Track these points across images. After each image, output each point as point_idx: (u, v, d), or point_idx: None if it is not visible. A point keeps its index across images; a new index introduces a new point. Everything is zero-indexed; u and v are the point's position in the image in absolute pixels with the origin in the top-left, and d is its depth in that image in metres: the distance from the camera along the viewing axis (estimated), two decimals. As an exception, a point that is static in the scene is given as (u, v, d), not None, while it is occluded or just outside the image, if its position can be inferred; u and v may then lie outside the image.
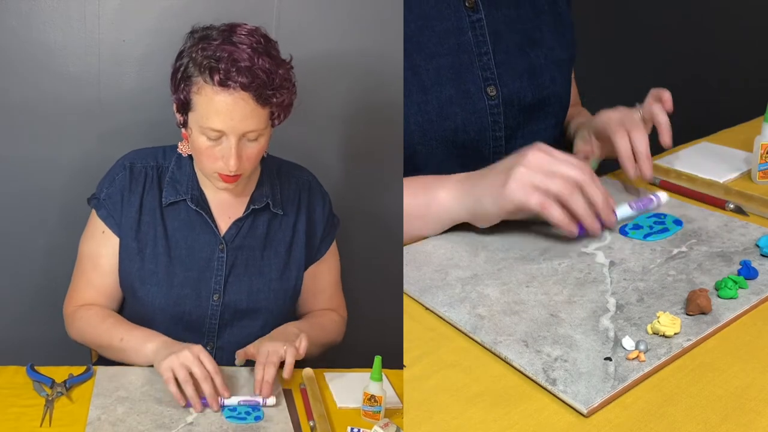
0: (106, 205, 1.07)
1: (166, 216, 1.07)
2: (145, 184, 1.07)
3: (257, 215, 1.10)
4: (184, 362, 0.91)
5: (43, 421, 0.86)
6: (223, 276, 1.08)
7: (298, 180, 1.15)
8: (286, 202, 1.12)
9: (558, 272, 0.94)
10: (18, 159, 1.28)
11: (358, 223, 1.42)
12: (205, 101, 0.98)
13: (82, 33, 1.25)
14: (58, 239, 1.29)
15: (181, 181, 1.08)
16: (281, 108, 1.02)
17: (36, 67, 1.25)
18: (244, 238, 1.09)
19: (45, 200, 1.30)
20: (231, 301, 1.08)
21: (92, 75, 1.27)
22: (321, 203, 1.16)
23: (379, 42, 1.32)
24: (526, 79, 1.20)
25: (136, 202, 1.07)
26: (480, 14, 1.17)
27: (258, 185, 1.11)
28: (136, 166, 1.08)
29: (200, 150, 1.01)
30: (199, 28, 1.01)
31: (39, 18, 1.24)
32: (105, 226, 1.07)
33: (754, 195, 1.10)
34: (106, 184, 1.08)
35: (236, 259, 1.08)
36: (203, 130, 0.99)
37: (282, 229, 1.12)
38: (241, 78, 0.96)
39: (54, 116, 1.27)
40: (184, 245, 1.07)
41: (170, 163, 1.09)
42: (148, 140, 1.13)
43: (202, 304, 1.07)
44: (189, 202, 1.06)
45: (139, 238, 1.07)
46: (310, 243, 1.14)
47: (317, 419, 0.91)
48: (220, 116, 0.97)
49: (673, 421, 0.70)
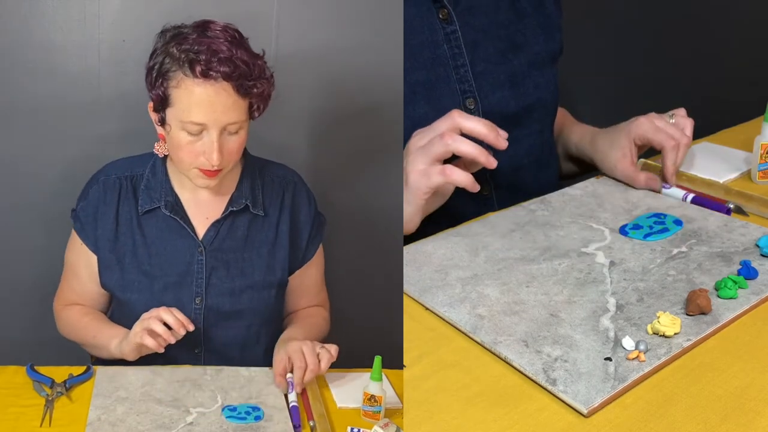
0: (80, 219, 1.08)
1: (143, 224, 1.07)
2: (120, 195, 1.07)
3: (237, 216, 1.09)
4: (144, 325, 0.95)
5: (43, 421, 0.86)
6: (204, 279, 1.07)
7: (282, 179, 1.13)
8: (268, 203, 1.11)
9: (558, 272, 0.94)
10: (18, 159, 1.28)
11: (357, 223, 1.42)
12: (185, 95, 0.97)
13: (82, 33, 1.25)
14: (58, 239, 1.28)
15: (156, 188, 1.07)
16: (261, 99, 1.02)
17: (36, 67, 1.25)
18: (223, 240, 1.08)
19: (45, 200, 1.30)
20: (213, 304, 1.07)
21: (92, 75, 1.27)
22: (306, 203, 1.14)
23: (379, 40, 1.32)
24: (507, 89, 1.19)
25: (112, 214, 1.07)
26: (454, 26, 1.16)
27: (238, 186, 1.09)
28: (111, 178, 1.08)
29: (180, 146, 0.99)
30: (170, 27, 1.01)
31: (39, 18, 1.24)
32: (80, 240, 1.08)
33: (754, 195, 1.10)
34: (81, 198, 1.09)
35: (216, 261, 1.08)
36: (184, 125, 0.98)
37: (264, 230, 1.11)
38: (222, 68, 0.95)
39: (54, 116, 1.27)
40: (163, 252, 1.07)
41: (145, 171, 1.08)
42: (148, 140, 1.13)
43: (185, 308, 1.05)
44: (163, 208, 1.06)
45: (116, 249, 1.07)
46: (295, 244, 1.13)
47: (317, 419, 0.91)
48: (201, 108, 0.96)
49: (673, 421, 0.70)
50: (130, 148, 1.14)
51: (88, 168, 1.12)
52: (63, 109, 1.27)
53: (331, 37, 1.35)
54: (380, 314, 1.26)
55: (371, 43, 1.34)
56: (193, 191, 1.08)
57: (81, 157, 1.28)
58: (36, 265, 1.32)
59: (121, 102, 1.29)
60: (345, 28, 1.35)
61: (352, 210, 1.40)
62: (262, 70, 1.01)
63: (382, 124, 1.36)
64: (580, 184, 1.20)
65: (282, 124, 1.18)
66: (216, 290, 1.07)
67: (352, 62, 1.36)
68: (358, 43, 1.35)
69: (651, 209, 1.10)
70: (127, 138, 1.27)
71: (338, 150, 1.42)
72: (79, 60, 1.26)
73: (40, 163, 1.28)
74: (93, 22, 1.25)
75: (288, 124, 1.31)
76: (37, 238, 1.32)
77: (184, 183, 1.08)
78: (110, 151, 1.19)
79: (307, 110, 1.36)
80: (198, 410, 0.91)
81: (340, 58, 1.35)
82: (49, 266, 1.32)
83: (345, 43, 1.35)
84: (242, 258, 1.09)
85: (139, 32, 1.27)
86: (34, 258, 1.32)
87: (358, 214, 1.40)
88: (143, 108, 1.26)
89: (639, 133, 1.15)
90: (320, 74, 1.34)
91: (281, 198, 1.12)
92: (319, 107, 1.37)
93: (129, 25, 1.27)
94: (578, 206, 1.12)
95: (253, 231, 1.10)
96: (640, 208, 1.11)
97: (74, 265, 1.10)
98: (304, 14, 1.32)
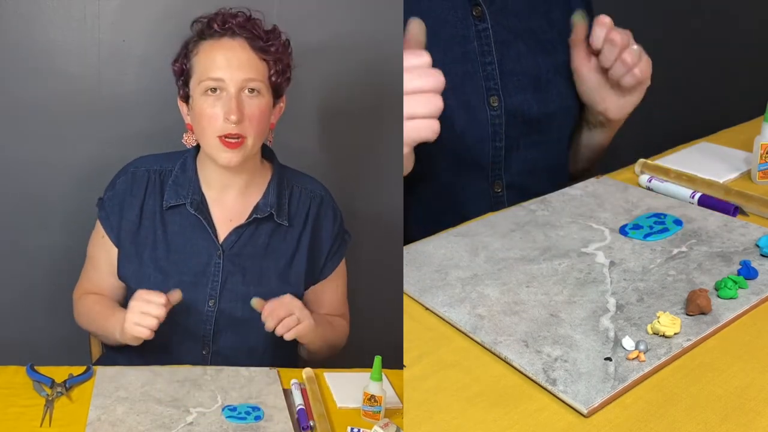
0: (105, 208, 1.09)
1: (167, 219, 1.07)
2: (147, 188, 1.08)
3: (260, 224, 1.09)
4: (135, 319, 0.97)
5: (43, 421, 0.86)
6: (219, 282, 1.07)
7: (310, 192, 1.13)
8: (294, 214, 1.11)
9: (558, 272, 0.94)
10: (18, 159, 1.28)
11: (357, 223, 1.41)
12: (203, 57, 1.01)
13: (82, 33, 1.25)
14: (59, 239, 1.29)
15: (184, 185, 1.07)
16: (278, 62, 1.04)
17: (36, 67, 1.25)
18: (243, 246, 1.08)
19: (45, 200, 1.30)
20: (226, 308, 1.07)
21: (92, 75, 1.27)
22: (331, 219, 1.14)
23: (379, 39, 1.32)
24: (531, 92, 1.20)
25: (137, 206, 1.07)
26: (486, 23, 1.17)
27: (265, 193, 1.09)
28: (140, 170, 1.08)
29: (201, 114, 1.01)
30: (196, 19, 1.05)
31: (39, 18, 1.24)
32: (104, 230, 1.08)
33: (754, 195, 1.10)
34: (109, 188, 1.09)
35: (234, 266, 1.08)
36: (203, 87, 1.00)
37: (285, 241, 1.10)
38: (236, 20, 1.01)
39: (54, 116, 1.27)
40: (182, 249, 1.07)
41: (174, 167, 1.09)
42: (148, 140, 1.14)
43: (198, 308, 1.06)
44: (188, 206, 1.06)
45: (137, 241, 1.07)
46: (314, 259, 1.13)
47: (317, 419, 0.91)
48: (218, 64, 1.00)
49: (673, 421, 0.70)
50: (130, 148, 1.14)
51: (88, 168, 1.12)
52: (63, 109, 1.27)
53: (331, 32, 1.35)
54: (380, 314, 1.26)
55: (372, 40, 1.34)
56: (219, 192, 1.08)
57: (81, 157, 1.28)
58: (36, 265, 1.32)
59: (121, 102, 1.29)
60: (345, 24, 1.35)
61: (352, 210, 1.40)
62: (278, 35, 1.05)
63: (382, 122, 1.36)
64: (580, 184, 1.20)
65: (280, 121, 1.18)
66: (230, 295, 1.07)
67: (352, 59, 1.36)
68: (358, 40, 1.35)
69: (651, 209, 1.10)
70: (127, 138, 1.27)
71: (337, 148, 1.42)
72: (79, 60, 1.26)
73: (39, 163, 1.28)
74: (93, 22, 1.25)
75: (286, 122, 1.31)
76: (37, 238, 1.32)
77: (212, 183, 1.08)
78: (110, 150, 1.19)
79: (306, 107, 1.36)
80: (198, 410, 0.91)
81: (340, 55, 1.35)
82: (49, 266, 1.32)
83: (345, 40, 1.35)
84: (260, 266, 1.09)
85: (139, 32, 1.27)
86: (34, 258, 1.32)
87: (358, 214, 1.40)
88: (143, 108, 1.27)
89: None
90: (320, 71, 1.34)
91: (307, 210, 1.12)
92: (318, 104, 1.37)
93: (129, 25, 1.27)
94: (578, 206, 1.12)
95: (275, 240, 1.10)
96: (640, 208, 1.11)
97: (95, 257, 1.10)
98: (305, 12, 1.32)
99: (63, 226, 1.29)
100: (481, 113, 1.17)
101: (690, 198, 1.12)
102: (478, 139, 1.18)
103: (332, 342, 1.13)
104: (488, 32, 1.16)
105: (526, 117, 1.20)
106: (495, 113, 1.17)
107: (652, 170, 1.21)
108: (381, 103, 1.35)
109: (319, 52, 1.33)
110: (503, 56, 1.18)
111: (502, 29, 1.18)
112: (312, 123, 1.38)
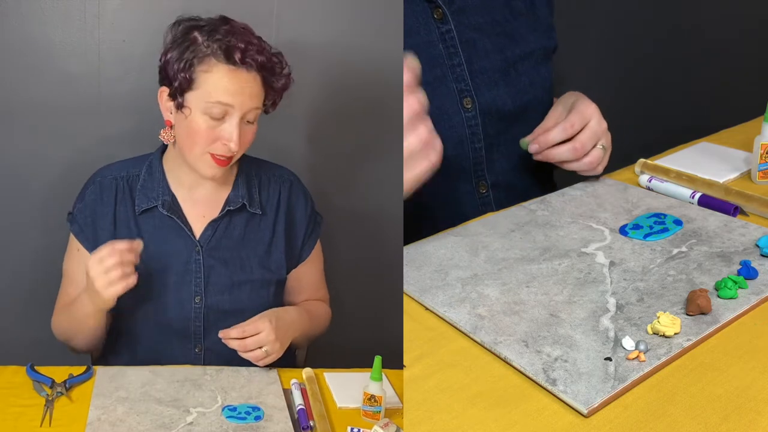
0: (77, 221, 1.08)
1: (141, 224, 1.07)
2: (117, 196, 1.07)
3: (233, 216, 1.09)
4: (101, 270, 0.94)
5: (43, 421, 0.86)
6: (202, 278, 1.07)
7: (278, 178, 1.14)
8: (266, 202, 1.12)
9: (558, 272, 0.94)
10: (18, 159, 1.28)
11: (357, 223, 1.42)
12: (216, 78, 0.99)
13: (82, 33, 1.25)
14: (58, 239, 1.28)
15: (153, 188, 1.07)
16: (278, 94, 1.05)
17: (36, 67, 1.25)
18: (220, 240, 1.09)
19: (45, 200, 1.30)
20: (213, 303, 1.07)
21: (92, 75, 1.27)
22: (303, 203, 1.15)
23: (379, 39, 1.32)
24: (503, 86, 1.19)
25: (110, 214, 1.07)
26: (449, 25, 1.16)
27: (234, 185, 1.10)
28: (106, 179, 1.08)
29: (197, 130, 1.00)
30: (185, 18, 1.02)
31: (39, 18, 1.24)
32: (79, 243, 1.08)
33: (754, 195, 1.10)
34: (78, 201, 1.09)
35: (214, 260, 1.08)
36: (208, 107, 0.99)
37: (261, 229, 1.11)
38: (259, 57, 1.00)
39: (54, 116, 1.27)
40: (161, 251, 1.06)
41: (141, 171, 1.08)
42: (148, 140, 1.13)
43: (185, 307, 1.06)
44: (160, 207, 1.06)
45: None
46: (291, 243, 1.14)
47: (317, 419, 0.91)
48: (230, 91, 0.99)
49: (673, 421, 0.70)
50: (130, 148, 1.14)
51: (88, 168, 1.12)
52: (63, 109, 1.27)
53: (330, 33, 1.35)
54: (380, 314, 1.26)
55: (371, 39, 1.34)
56: (190, 189, 1.08)
57: (81, 157, 1.28)
58: (36, 265, 1.32)
59: (121, 102, 1.29)
60: (345, 24, 1.35)
61: (352, 210, 1.40)
62: (283, 67, 1.04)
63: (382, 122, 1.36)
64: (579, 184, 1.20)
65: (281, 122, 1.18)
66: (215, 288, 1.07)
67: (352, 59, 1.36)
68: (358, 39, 1.35)
69: (651, 209, 1.10)
70: (127, 138, 1.27)
71: (338, 148, 1.42)
72: (79, 60, 1.26)
73: (39, 163, 1.28)
74: (93, 22, 1.25)
75: (287, 122, 1.31)
76: (37, 239, 1.32)
77: (182, 181, 1.08)
78: (110, 150, 1.19)
79: (306, 108, 1.36)
80: (198, 410, 0.91)
81: (340, 54, 1.35)
82: (49, 266, 1.32)
83: (345, 40, 1.35)
84: (239, 256, 1.09)
85: (139, 32, 1.27)
86: (34, 258, 1.32)
87: (358, 214, 1.40)
88: (143, 108, 1.26)
89: (569, 104, 1.14)
90: (320, 71, 1.34)
91: (278, 197, 1.13)
92: (318, 105, 1.37)
93: (129, 25, 1.27)
94: (578, 206, 1.12)
95: (250, 230, 1.11)
96: (640, 208, 1.11)
97: (72, 272, 1.10)
98: (303, 13, 1.32)
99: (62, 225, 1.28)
100: (455, 117, 1.17)
101: (690, 198, 1.12)
102: (457, 142, 1.18)
103: (315, 333, 1.16)
104: (452, 33, 1.16)
105: (502, 113, 1.20)
106: (470, 114, 1.17)
107: (652, 170, 1.21)
108: (381, 103, 1.35)
109: (318, 52, 1.33)
110: (470, 55, 1.17)
111: (465, 28, 1.17)
112: (312, 123, 1.38)
